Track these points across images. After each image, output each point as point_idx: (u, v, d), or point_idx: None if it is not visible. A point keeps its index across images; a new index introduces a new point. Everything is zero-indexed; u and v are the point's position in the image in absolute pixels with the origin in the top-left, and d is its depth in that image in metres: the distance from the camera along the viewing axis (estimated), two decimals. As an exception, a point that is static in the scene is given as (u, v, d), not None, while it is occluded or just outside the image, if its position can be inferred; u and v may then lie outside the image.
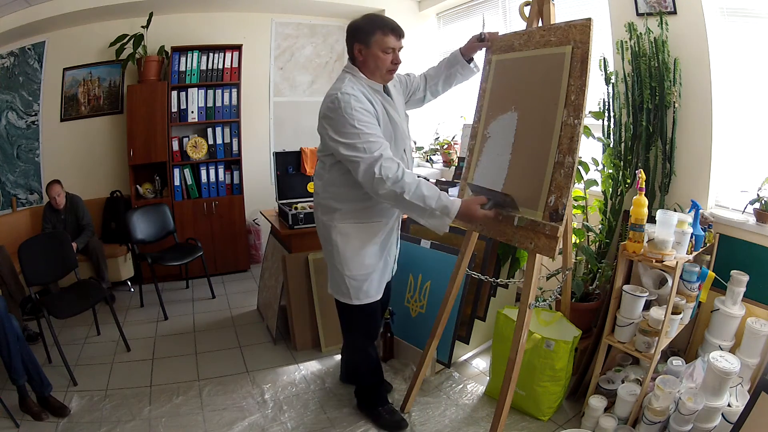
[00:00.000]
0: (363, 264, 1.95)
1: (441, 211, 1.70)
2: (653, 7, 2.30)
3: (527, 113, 1.82)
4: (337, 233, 1.93)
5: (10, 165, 3.83)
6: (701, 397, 1.77)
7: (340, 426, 2.18)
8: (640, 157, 2.42)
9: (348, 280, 1.96)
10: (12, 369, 2.18)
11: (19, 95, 3.79)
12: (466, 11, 4.07)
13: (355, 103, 1.73)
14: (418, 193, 1.69)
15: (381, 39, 1.79)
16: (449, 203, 1.70)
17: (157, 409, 2.32)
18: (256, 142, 4.46)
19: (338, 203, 1.91)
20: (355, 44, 1.84)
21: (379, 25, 1.80)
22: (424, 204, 1.69)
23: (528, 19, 1.96)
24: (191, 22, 4.13)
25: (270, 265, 3.22)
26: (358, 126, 1.70)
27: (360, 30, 1.82)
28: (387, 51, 1.80)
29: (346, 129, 1.71)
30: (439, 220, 1.72)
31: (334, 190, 1.91)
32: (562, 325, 2.25)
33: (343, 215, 1.91)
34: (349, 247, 1.93)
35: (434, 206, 1.70)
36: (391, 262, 2.12)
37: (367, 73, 1.85)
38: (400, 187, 1.68)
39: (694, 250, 2.00)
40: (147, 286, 3.71)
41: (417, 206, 1.71)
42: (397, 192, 1.68)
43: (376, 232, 1.97)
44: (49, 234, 3.19)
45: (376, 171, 1.67)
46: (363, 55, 1.83)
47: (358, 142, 1.70)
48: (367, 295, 1.99)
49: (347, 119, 1.71)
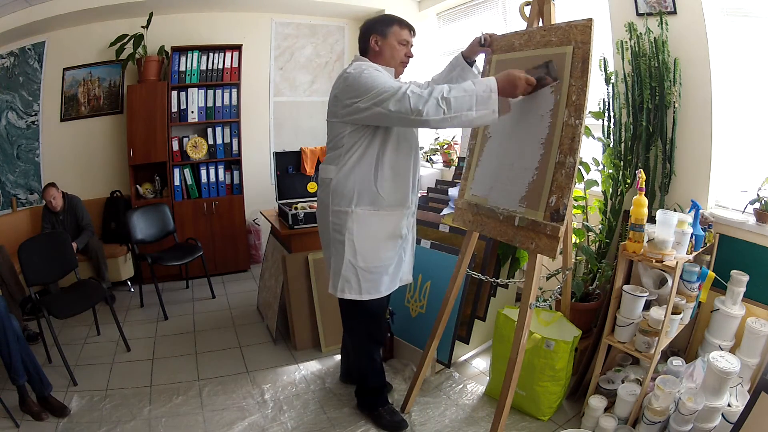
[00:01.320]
0: (378, 256, 1.91)
1: (485, 90, 1.62)
2: (653, 7, 2.31)
3: (528, 113, 1.81)
4: (354, 220, 1.86)
5: (10, 165, 3.83)
6: (701, 397, 1.77)
7: (340, 426, 2.18)
8: (640, 157, 2.42)
9: (361, 273, 1.90)
10: (12, 369, 2.18)
11: (19, 95, 3.79)
12: (466, 11, 4.07)
13: (372, 69, 1.78)
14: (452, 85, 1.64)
15: (398, 31, 1.88)
16: (487, 80, 1.64)
17: (157, 409, 2.32)
18: (256, 142, 4.46)
19: (359, 193, 1.85)
20: (372, 36, 1.90)
21: (396, 20, 1.92)
22: (466, 92, 1.61)
23: (528, 19, 1.96)
24: (191, 22, 4.13)
25: (270, 265, 3.22)
26: (376, 80, 1.70)
27: (377, 22, 1.91)
28: (402, 43, 1.90)
29: (366, 85, 1.70)
30: (487, 100, 1.62)
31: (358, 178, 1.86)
32: (562, 325, 2.25)
33: (357, 200, 1.86)
34: (366, 236, 1.88)
35: (476, 88, 1.62)
36: (406, 260, 2.07)
37: (381, 63, 1.90)
38: (439, 91, 1.61)
39: (694, 250, 2.01)
40: (147, 286, 3.71)
41: (463, 98, 1.61)
42: (437, 97, 1.60)
43: (394, 224, 1.93)
44: (49, 234, 3.19)
45: (409, 93, 1.61)
46: (379, 46, 1.89)
47: (380, 87, 1.67)
48: (377, 290, 1.94)
49: (365, 79, 1.71)
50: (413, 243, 2.11)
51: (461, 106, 1.62)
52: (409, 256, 2.10)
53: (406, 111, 1.62)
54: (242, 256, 4.30)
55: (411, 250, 2.10)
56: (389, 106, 1.64)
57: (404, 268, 2.07)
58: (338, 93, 1.82)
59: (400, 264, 2.03)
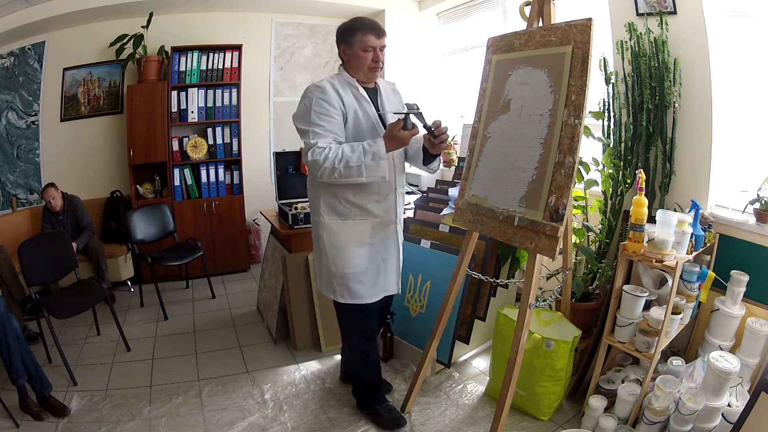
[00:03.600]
0: (350, 263, 1.97)
1: (373, 156, 1.78)
2: (653, 7, 2.30)
3: (527, 113, 1.81)
4: (323, 229, 1.98)
5: (10, 165, 3.83)
6: (701, 397, 1.77)
7: (340, 426, 2.18)
8: (640, 157, 2.42)
9: (334, 277, 1.99)
10: (12, 369, 2.18)
11: (19, 95, 3.79)
12: (466, 11, 4.07)
13: (319, 94, 1.85)
14: (346, 154, 1.78)
15: (361, 38, 1.89)
16: (376, 146, 1.79)
17: (157, 409, 2.32)
18: (256, 142, 4.46)
19: (323, 203, 1.97)
20: (340, 45, 1.96)
21: (358, 26, 1.92)
22: (356, 163, 1.78)
23: (528, 19, 1.95)
24: (191, 22, 4.13)
25: (270, 265, 3.22)
26: (312, 117, 1.83)
27: (344, 31, 1.95)
28: (367, 49, 1.90)
29: (304, 116, 1.86)
30: (376, 164, 1.79)
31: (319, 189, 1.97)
32: (562, 325, 2.25)
33: (324, 210, 1.97)
34: (335, 243, 1.97)
35: (364, 159, 1.78)
36: (388, 270, 2.06)
37: (351, 71, 1.95)
38: (330, 162, 1.77)
39: (694, 250, 2.00)
40: (147, 286, 3.71)
41: (352, 168, 1.78)
42: (329, 167, 1.77)
43: (364, 232, 1.97)
44: (49, 234, 3.19)
45: (310, 155, 1.79)
46: (347, 55, 1.94)
47: (307, 129, 1.83)
48: (356, 295, 1.99)
49: (306, 108, 1.85)
50: (399, 255, 2.09)
51: (351, 174, 1.80)
52: (393, 268, 2.08)
53: (309, 169, 1.86)
54: (242, 256, 4.30)
55: (395, 261, 2.08)
56: (306, 156, 1.84)
57: (388, 279, 2.07)
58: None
59: (379, 274, 2.03)
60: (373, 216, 1.98)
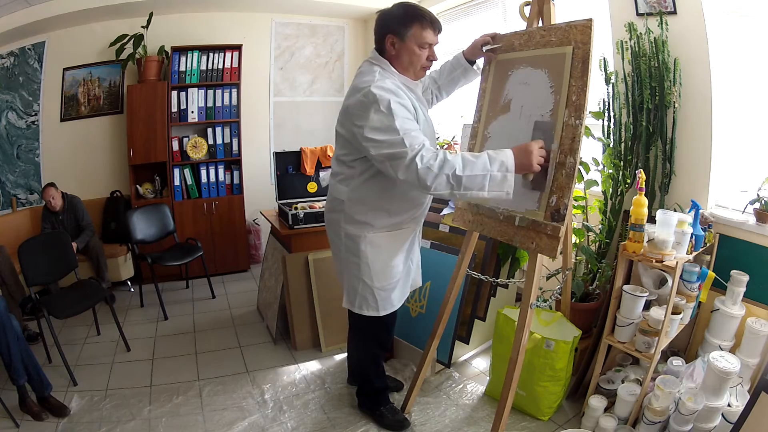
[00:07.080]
0: (391, 274, 1.88)
1: (500, 166, 1.51)
2: (653, 7, 2.30)
3: (528, 113, 1.81)
4: (367, 244, 1.81)
5: (10, 165, 3.83)
6: (701, 397, 1.77)
7: (340, 426, 2.18)
8: (640, 157, 2.42)
9: (377, 293, 1.87)
10: (12, 369, 2.18)
11: (19, 95, 3.79)
12: (466, 11, 4.07)
13: (394, 97, 1.58)
14: (468, 159, 1.51)
15: (419, 33, 1.65)
16: (503, 155, 1.53)
17: (157, 409, 2.32)
18: (256, 142, 4.46)
19: (373, 218, 1.79)
20: (388, 36, 1.68)
21: (418, 17, 1.65)
22: (480, 172, 1.51)
23: (528, 19, 1.95)
24: (191, 22, 4.13)
25: (270, 265, 3.22)
26: (398, 123, 1.54)
27: (396, 21, 1.67)
28: (423, 46, 1.68)
29: (385, 126, 1.55)
30: (503, 177, 1.52)
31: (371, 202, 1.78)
32: (562, 325, 2.25)
33: (373, 222, 1.80)
34: (379, 258, 1.84)
35: (491, 168, 1.50)
36: (413, 268, 2.05)
37: (399, 68, 1.72)
38: (451, 167, 1.49)
39: (694, 250, 2.00)
40: (147, 286, 3.71)
41: (476, 178, 1.50)
42: (447, 174, 1.49)
43: (405, 239, 1.91)
44: (49, 234, 3.19)
45: (418, 162, 1.49)
46: (396, 49, 1.69)
47: (397, 138, 1.53)
48: (392, 304, 1.94)
49: (386, 115, 1.55)
50: (418, 245, 2.08)
51: (472, 185, 1.52)
52: (417, 261, 2.08)
53: (413, 181, 1.53)
54: (242, 256, 4.30)
55: (417, 254, 2.08)
56: (398, 172, 1.54)
57: (413, 274, 2.06)
58: (350, 106, 1.66)
59: (409, 274, 2.03)
60: (417, 222, 1.93)
